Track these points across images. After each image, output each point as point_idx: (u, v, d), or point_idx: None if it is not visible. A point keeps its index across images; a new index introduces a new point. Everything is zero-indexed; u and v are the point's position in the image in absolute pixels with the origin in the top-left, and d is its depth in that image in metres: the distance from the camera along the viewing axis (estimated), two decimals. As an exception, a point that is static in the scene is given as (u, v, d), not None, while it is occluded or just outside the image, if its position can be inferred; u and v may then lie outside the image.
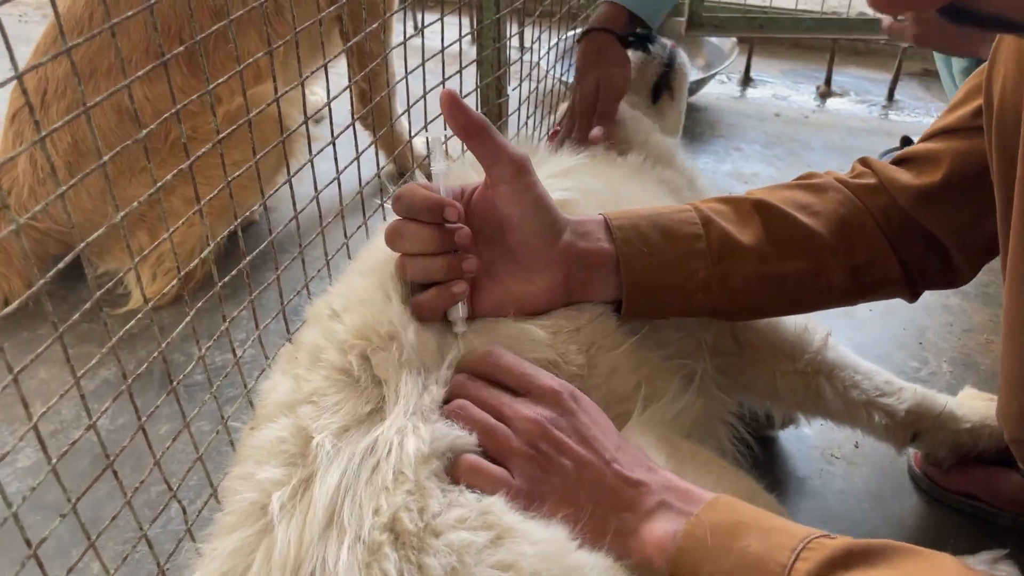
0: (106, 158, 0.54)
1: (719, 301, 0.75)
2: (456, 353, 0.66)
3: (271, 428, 0.60)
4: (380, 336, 0.63)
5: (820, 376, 0.89)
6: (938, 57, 1.49)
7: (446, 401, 0.63)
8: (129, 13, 0.55)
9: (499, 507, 0.55)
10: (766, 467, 1.01)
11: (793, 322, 0.89)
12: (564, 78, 1.61)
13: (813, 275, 0.77)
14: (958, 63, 1.39)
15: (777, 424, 1.06)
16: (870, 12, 2.18)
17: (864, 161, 0.84)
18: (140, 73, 0.57)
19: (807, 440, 1.09)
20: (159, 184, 0.61)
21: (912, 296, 0.84)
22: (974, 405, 0.96)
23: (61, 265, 0.52)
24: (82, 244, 0.53)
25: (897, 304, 1.32)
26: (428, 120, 1.12)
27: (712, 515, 0.56)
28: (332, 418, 0.58)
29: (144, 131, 0.58)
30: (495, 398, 0.62)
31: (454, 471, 0.57)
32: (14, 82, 0.46)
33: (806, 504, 1.00)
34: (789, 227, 0.77)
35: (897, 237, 0.79)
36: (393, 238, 0.68)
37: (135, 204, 0.59)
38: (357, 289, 0.70)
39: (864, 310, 1.32)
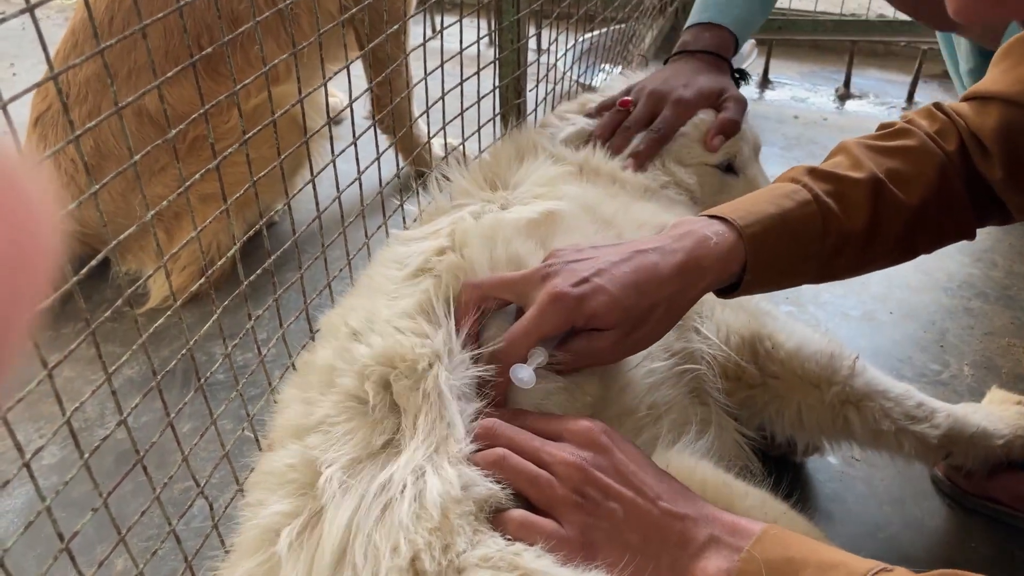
0: (137, 157, 0.55)
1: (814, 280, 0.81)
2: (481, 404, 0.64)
3: (281, 455, 0.59)
4: (407, 362, 0.61)
5: (848, 407, 0.85)
6: (947, 57, 1.48)
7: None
8: (152, 19, 0.56)
9: (530, 552, 0.53)
10: (785, 471, 1.00)
11: (819, 350, 0.86)
12: (581, 80, 1.61)
13: (901, 253, 0.82)
14: (965, 64, 1.39)
15: (800, 452, 1.04)
16: (889, 14, 2.17)
17: (937, 106, 0.87)
18: (170, 74, 0.58)
19: (827, 443, 1.08)
20: (189, 182, 0.62)
21: (972, 234, 0.85)
22: (1005, 416, 0.94)
23: (94, 263, 0.53)
24: (114, 243, 0.54)
25: (918, 307, 1.33)
26: (446, 121, 1.13)
27: (764, 551, 0.55)
28: (341, 449, 0.57)
29: (173, 131, 0.59)
30: (530, 443, 0.61)
31: (503, 527, 0.56)
32: (35, 87, 0.47)
33: (826, 508, 1.00)
34: (894, 214, 0.79)
35: (970, 178, 0.81)
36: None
37: (164, 203, 0.60)
38: (384, 310, 0.67)
39: (884, 313, 1.32)
